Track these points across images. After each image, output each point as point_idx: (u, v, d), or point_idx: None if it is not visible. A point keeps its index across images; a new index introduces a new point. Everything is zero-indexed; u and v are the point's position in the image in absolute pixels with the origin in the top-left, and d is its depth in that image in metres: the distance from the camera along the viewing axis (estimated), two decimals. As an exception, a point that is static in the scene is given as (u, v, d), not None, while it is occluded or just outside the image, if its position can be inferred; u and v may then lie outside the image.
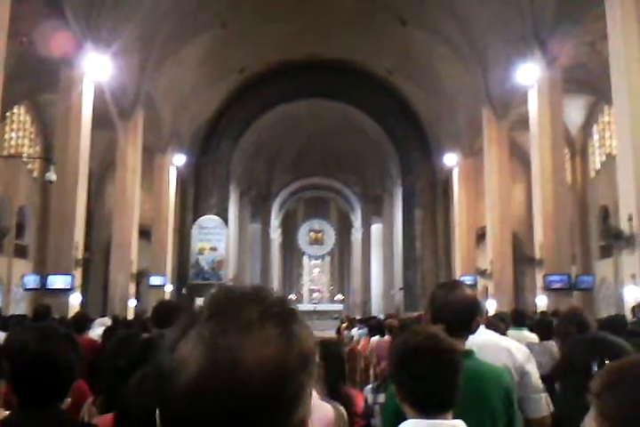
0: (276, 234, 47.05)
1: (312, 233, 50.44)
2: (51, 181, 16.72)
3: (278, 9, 27.05)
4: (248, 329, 0.71)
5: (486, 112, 25.57)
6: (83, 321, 7.21)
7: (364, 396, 4.01)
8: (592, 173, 28.71)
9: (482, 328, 2.88)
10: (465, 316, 2.53)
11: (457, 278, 21.36)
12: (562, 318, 4.51)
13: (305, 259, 50.94)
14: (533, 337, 6.12)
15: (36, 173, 27.19)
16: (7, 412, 2.17)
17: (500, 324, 5.16)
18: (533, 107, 20.88)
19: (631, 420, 0.95)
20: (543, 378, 3.07)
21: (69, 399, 2.14)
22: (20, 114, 26.84)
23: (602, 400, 1.01)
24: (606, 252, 25.28)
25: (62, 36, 18.48)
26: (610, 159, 24.94)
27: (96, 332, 7.68)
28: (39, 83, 22.90)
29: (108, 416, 2.36)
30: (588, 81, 23.78)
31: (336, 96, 34.61)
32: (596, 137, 28.41)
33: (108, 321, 9.83)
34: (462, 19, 24.57)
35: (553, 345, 5.23)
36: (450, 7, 24.55)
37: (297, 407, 0.71)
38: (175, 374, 0.69)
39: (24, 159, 26.20)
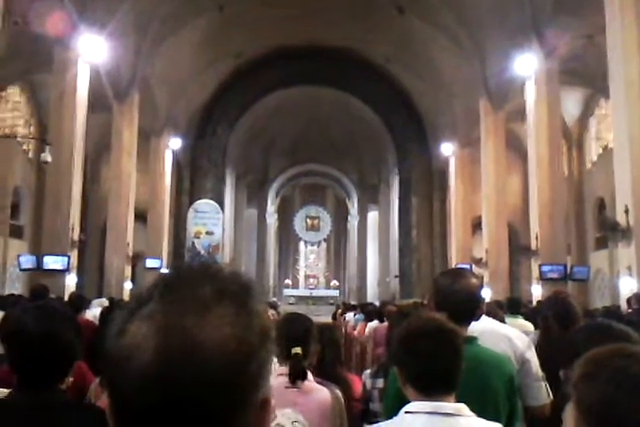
0: (272, 219, 47.01)
1: (308, 219, 50.39)
2: (46, 162, 16.66)
3: (277, -7, 26.83)
4: (204, 309, 0.67)
5: (483, 103, 25.50)
6: (79, 301, 7.19)
7: (363, 381, 4.02)
8: (588, 165, 28.75)
9: (482, 316, 2.88)
10: (470, 304, 2.53)
11: (461, 266, 21.40)
12: (545, 302, 4.50)
13: (301, 245, 50.98)
14: (528, 325, 6.17)
15: (31, 154, 27.04)
16: (3, 390, 2.16)
17: (498, 311, 5.17)
18: (530, 98, 20.83)
19: (601, 412, 0.95)
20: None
21: (71, 379, 2.13)
22: (14, 94, 26.62)
23: (578, 391, 1.00)
24: (602, 243, 25.37)
25: (57, 17, 18.26)
26: (606, 152, 24.94)
27: (93, 312, 7.67)
28: (34, 63, 22.69)
29: None
30: (586, 73, 23.74)
31: (333, 83, 34.41)
32: (592, 129, 28.41)
33: (105, 302, 9.80)
34: (461, 9, 24.39)
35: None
36: (449, -4, 24.43)
37: (259, 387, 0.70)
38: (129, 360, 0.65)
39: (19, 140, 26.04)
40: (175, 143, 30.27)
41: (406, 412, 1.96)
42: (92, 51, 19.35)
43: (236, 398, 0.67)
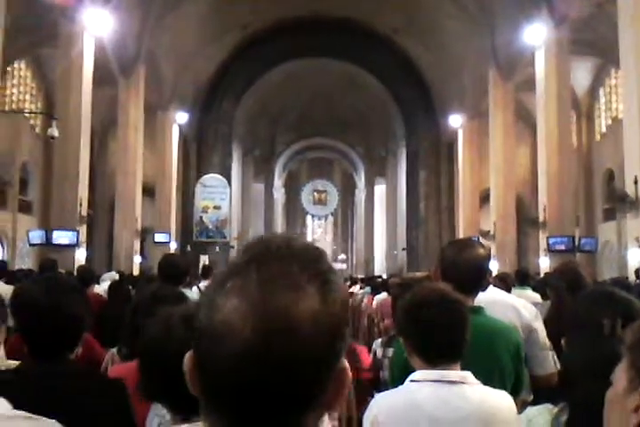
0: (279, 194, 47.06)
1: (315, 193, 50.42)
2: (53, 137, 16.63)
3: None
4: (297, 286, 0.68)
5: (492, 73, 25.21)
6: (87, 275, 7.16)
7: (374, 349, 4.13)
8: (598, 137, 28.50)
9: (490, 286, 2.88)
10: (476, 275, 2.53)
11: (470, 237, 21.35)
12: (555, 273, 4.51)
13: (308, 219, 51.05)
14: (536, 296, 6.18)
15: (38, 129, 27.01)
16: (12, 362, 2.19)
17: (501, 284, 5.19)
18: (540, 68, 20.59)
19: None
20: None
21: (80, 349, 2.16)
22: (20, 69, 26.50)
23: (634, 353, 1.00)
24: (610, 214, 25.29)
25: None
26: (616, 123, 24.71)
27: (103, 287, 7.70)
28: (39, 37, 22.55)
29: (132, 363, 2.37)
30: (596, 43, 23.38)
31: (340, 55, 34.06)
32: (602, 100, 28.09)
33: (116, 276, 9.81)
34: (470, -24, 24.02)
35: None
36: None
37: (341, 359, 0.71)
38: (226, 337, 0.66)
39: (26, 115, 26.00)
40: (181, 117, 30.14)
41: (412, 380, 1.98)
42: (96, 24, 19.18)
43: (324, 372, 0.68)
